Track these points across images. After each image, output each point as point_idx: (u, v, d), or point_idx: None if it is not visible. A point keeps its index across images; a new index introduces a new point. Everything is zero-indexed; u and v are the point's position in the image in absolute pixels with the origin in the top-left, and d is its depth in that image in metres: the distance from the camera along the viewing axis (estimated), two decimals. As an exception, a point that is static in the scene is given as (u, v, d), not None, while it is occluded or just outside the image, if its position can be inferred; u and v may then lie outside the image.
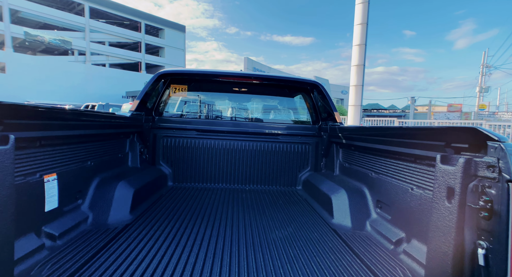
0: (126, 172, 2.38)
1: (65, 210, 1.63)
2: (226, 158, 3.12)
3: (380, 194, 1.90)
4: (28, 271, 1.17)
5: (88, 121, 1.84)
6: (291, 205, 2.52)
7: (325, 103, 2.99)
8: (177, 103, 3.61)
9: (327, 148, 3.01)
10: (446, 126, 1.22)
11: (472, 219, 1.00)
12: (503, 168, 0.90)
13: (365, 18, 13.70)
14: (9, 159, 1.01)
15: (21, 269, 1.16)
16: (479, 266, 0.93)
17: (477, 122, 13.33)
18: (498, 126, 14.53)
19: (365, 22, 13.81)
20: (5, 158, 1.00)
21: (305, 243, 1.69)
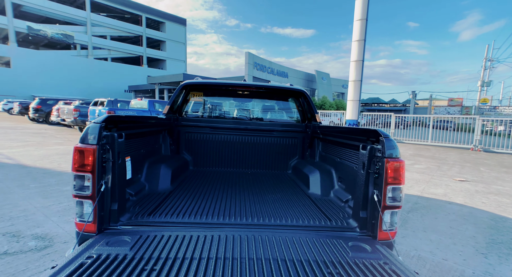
0: (163, 158, 3.12)
1: (134, 180, 2.34)
2: (233, 149, 3.91)
3: (340, 172, 2.62)
4: (128, 209, 1.93)
5: (144, 122, 2.62)
6: (281, 183, 3.26)
7: (309, 107, 3.79)
8: (195, 107, 4.52)
9: (311, 141, 3.77)
10: (366, 128, 1.97)
11: (371, 179, 1.76)
12: (383, 151, 1.64)
13: (364, 14, 13.97)
14: (123, 146, 1.79)
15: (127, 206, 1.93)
16: (374, 201, 1.69)
17: (473, 117, 13.73)
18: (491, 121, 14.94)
19: (364, 18, 14.08)
20: (122, 146, 1.77)
21: (288, 203, 2.42)
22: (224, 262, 1.31)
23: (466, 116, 14.80)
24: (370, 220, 1.76)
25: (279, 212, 2.14)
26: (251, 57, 35.67)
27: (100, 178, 1.56)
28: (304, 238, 1.66)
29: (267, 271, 1.27)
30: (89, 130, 1.54)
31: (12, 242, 2.56)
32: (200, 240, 1.54)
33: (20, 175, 4.95)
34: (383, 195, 1.62)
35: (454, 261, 2.62)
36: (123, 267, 1.21)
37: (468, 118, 14.96)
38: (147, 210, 1.99)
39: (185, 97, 3.87)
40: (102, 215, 1.61)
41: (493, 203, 4.60)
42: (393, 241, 1.66)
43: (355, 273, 1.27)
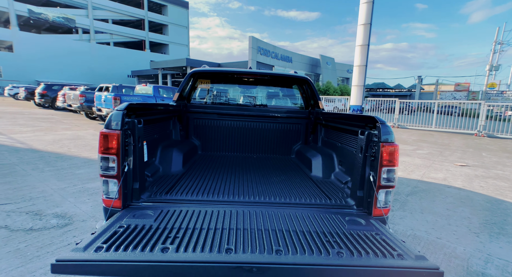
0: (174, 143, 3.29)
1: (149, 163, 2.52)
2: (239, 134, 4.06)
3: (341, 156, 2.75)
4: (147, 188, 2.12)
5: (158, 109, 2.77)
6: (285, 166, 3.42)
7: (312, 94, 3.89)
8: (203, 94, 4.65)
9: (314, 127, 3.91)
10: (365, 115, 2.08)
11: (368, 161, 1.91)
12: (379, 136, 1.77)
13: (371, -3, 13.65)
14: (142, 131, 1.94)
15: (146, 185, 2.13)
16: (370, 182, 1.84)
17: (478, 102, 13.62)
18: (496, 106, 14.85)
19: (371, 0, 13.78)
20: (141, 131, 1.92)
21: (292, 184, 2.58)
22: (236, 232, 1.47)
23: (471, 101, 14.69)
24: (366, 198, 1.91)
25: (283, 191, 2.30)
26: (255, 41, 35.15)
27: (123, 159, 1.72)
28: (306, 213, 1.82)
29: (273, 238, 1.43)
30: (113, 117, 1.69)
31: (36, 220, 2.77)
32: (214, 214, 1.71)
33: (34, 159, 5.15)
34: (378, 176, 1.77)
35: (447, 239, 2.79)
36: (151, 234, 1.39)
37: (473, 103, 14.86)
38: (164, 189, 2.16)
39: (193, 84, 3.99)
40: (125, 193, 1.78)
41: (491, 187, 4.74)
42: (386, 217, 1.81)
43: (350, 241, 1.43)
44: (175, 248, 1.26)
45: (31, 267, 2.02)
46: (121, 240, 1.30)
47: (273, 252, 1.29)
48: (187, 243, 1.32)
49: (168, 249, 1.24)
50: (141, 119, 1.97)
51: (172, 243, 1.31)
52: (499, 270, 2.29)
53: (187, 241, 1.34)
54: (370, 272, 1.19)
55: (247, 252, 1.27)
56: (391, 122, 15.72)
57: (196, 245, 1.31)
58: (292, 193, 2.29)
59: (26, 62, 38.30)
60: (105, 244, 1.25)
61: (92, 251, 1.19)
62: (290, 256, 1.26)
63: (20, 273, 1.94)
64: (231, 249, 1.29)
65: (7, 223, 2.68)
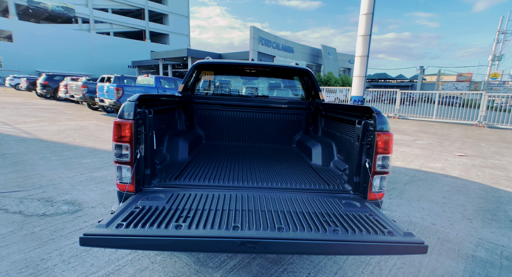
0: (180, 132, 3.38)
1: (157, 151, 2.57)
2: (242, 124, 4.18)
3: (340, 145, 2.82)
4: (157, 174, 2.21)
5: (165, 100, 2.85)
6: (287, 155, 3.53)
7: (313, 85, 3.98)
8: (207, 85, 4.72)
9: (314, 117, 4.02)
10: (362, 106, 2.17)
11: (364, 149, 2.00)
12: (375, 125, 1.86)
13: (373, -14, 13.46)
14: (152, 120, 2.04)
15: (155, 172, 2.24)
16: (366, 168, 1.96)
17: (479, 92, 13.60)
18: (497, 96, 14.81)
19: (373, -10, 13.59)
20: (151, 120, 2.02)
21: (293, 171, 2.68)
22: (241, 213, 1.60)
23: (472, 92, 14.65)
24: (362, 184, 2.03)
25: (284, 178, 2.42)
26: (256, 31, 34.78)
27: (136, 147, 1.83)
28: (305, 197, 1.94)
29: (275, 218, 1.55)
30: (125, 107, 1.78)
31: (48, 206, 2.90)
32: (221, 197, 1.83)
33: (40, 148, 5.27)
34: (373, 162, 1.88)
35: (441, 225, 2.91)
36: (165, 214, 1.51)
37: (475, 94, 14.83)
38: (172, 175, 2.27)
39: (197, 76, 4.07)
40: (138, 178, 1.90)
41: (487, 176, 4.84)
42: (380, 201, 1.93)
43: (345, 220, 1.56)
44: (187, 226, 1.38)
45: (47, 248, 2.15)
46: (138, 218, 1.43)
47: (275, 229, 1.41)
48: (198, 221, 1.44)
49: (181, 227, 1.37)
50: (151, 110, 2.06)
51: (184, 221, 1.44)
52: (488, 252, 2.42)
53: (198, 220, 1.46)
54: (362, 246, 1.31)
55: (252, 229, 1.39)
56: (392, 113, 15.75)
57: (206, 223, 1.43)
58: (292, 179, 2.40)
59: (26, 52, 38.12)
60: (125, 222, 1.37)
61: (114, 227, 1.32)
62: (290, 232, 1.38)
63: (37, 254, 2.08)
64: (237, 227, 1.41)
65: (21, 208, 2.81)
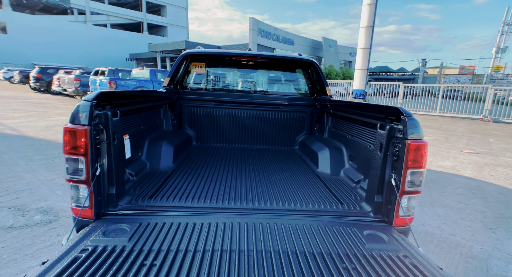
0: (165, 134, 2.99)
1: (134, 159, 2.26)
2: (238, 124, 3.76)
3: (352, 150, 2.50)
4: (128, 191, 1.87)
5: (142, 97, 2.44)
6: (288, 160, 3.14)
7: (319, 79, 3.55)
8: (198, 79, 4.25)
9: (320, 116, 3.59)
10: (386, 105, 1.79)
11: (389, 162, 1.65)
12: (405, 132, 1.51)
13: (377, -26, 12.93)
14: (119, 124, 1.67)
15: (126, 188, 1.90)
16: (391, 185, 1.60)
17: (485, 86, 13.21)
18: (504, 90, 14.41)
19: (377, -22, 13.06)
20: (118, 125, 1.64)
21: (295, 182, 2.34)
22: (230, 256, 1.22)
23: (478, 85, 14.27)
24: (385, 204, 1.67)
25: (287, 194, 2.05)
26: (256, 23, 34.06)
27: (94, 161, 1.47)
28: (315, 225, 1.57)
29: (277, 267, 1.17)
30: (80, 108, 1.42)
31: (18, 216, 2.57)
32: (204, 228, 1.46)
33: (23, 147, 4.93)
34: (402, 179, 1.52)
35: (461, 236, 2.59)
36: (120, 263, 1.13)
37: (479, 87, 14.43)
38: (148, 192, 1.90)
39: (186, 68, 3.65)
40: (99, 200, 1.54)
41: (502, 176, 4.52)
42: (410, 227, 1.59)
43: (373, 268, 1.18)
44: None
45: (4, 273, 1.83)
46: (78, 274, 1.04)
47: None
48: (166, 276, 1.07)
49: None
50: (117, 111, 1.68)
51: (147, 275, 1.06)
52: (521, 273, 2.10)
53: (167, 272, 1.09)
54: None
55: None
56: (395, 107, 15.38)
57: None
58: (297, 195, 2.03)
59: (21, 45, 37.38)
60: None
61: None
62: None
63: (-8, 280, 1.76)
64: None
65: (-14, 219, 2.48)
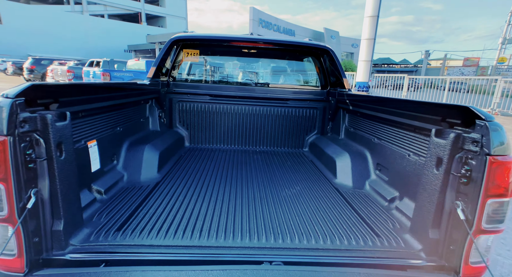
0: (150, 136, 2.59)
1: (105, 170, 1.88)
2: (238, 121, 3.31)
3: (380, 158, 2.08)
4: (90, 218, 1.48)
5: (116, 92, 2.01)
6: (298, 166, 2.71)
7: (335, 69, 3.06)
8: (190, 69, 3.77)
9: (334, 113, 3.13)
10: (443, 103, 1.36)
11: (453, 184, 1.21)
12: (485, 144, 1.07)
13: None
14: (69, 131, 1.25)
15: (85, 216, 1.44)
16: (457, 218, 1.16)
17: (495, 78, 12.76)
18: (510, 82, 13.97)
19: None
20: (67, 131, 1.23)
21: (311, 199, 1.92)
22: None
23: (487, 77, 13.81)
24: (446, 244, 1.23)
25: (302, 221, 1.57)
26: (256, 13, 33.31)
27: (23, 187, 1.06)
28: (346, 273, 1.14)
29: None
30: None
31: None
32: None
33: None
34: (479, 211, 1.09)
35: None
36: None
37: (488, 79, 13.97)
38: (117, 220, 1.46)
39: (176, 56, 3.18)
40: (36, 242, 1.12)
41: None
42: None
43: None
44: None
45: None
46: None
47: None
48: None
49: None
50: (65, 112, 1.24)
51: None
52: None
53: None
54: None
55: None
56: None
57: None
58: (317, 223, 1.54)
59: (16, 35, 36.73)
60: None
61: None
62: None
63: None
64: None
65: None
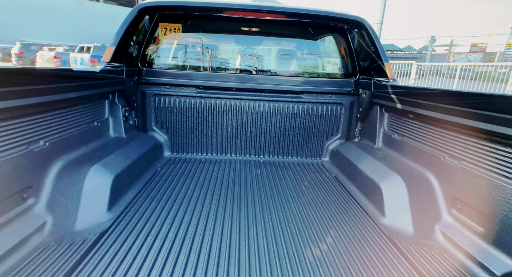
0: (104, 148, 1.85)
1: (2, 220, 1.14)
2: (236, 122, 2.59)
3: (460, 188, 1.35)
4: None
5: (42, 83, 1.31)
6: (317, 186, 2.05)
7: (372, 49, 2.26)
8: (172, 51, 2.87)
9: (366, 111, 2.38)
10: None
11: None
12: None
13: None
14: None
15: None
16: None
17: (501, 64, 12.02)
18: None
19: None
20: None
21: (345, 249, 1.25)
22: None
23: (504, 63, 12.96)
24: None
25: None
26: (256, -4, 31.98)
27: None
28: None
29: None
30: None
31: None
32: None
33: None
34: None
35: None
36: None
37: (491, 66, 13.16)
38: None
39: (149, 32, 2.39)
40: None
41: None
42: None
43: None
44: None
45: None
46: None
47: None
48: None
49: None
50: None
51: None
52: None
53: None
54: None
55: None
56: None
57: None
58: None
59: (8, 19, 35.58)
60: None
61: None
62: None
63: None
64: None
65: None
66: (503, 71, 11.61)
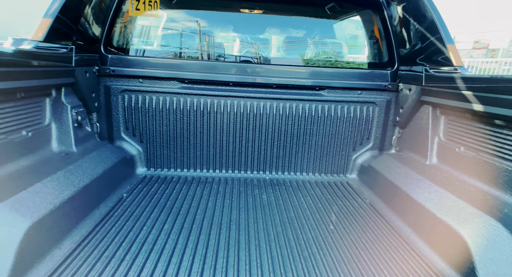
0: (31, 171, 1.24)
1: None
2: (233, 128, 1.98)
3: None
4: None
5: None
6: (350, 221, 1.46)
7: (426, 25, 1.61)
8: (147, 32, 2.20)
9: (411, 112, 1.79)
10: None
11: None
12: None
13: None
14: None
15: None
16: None
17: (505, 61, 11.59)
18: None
19: None
20: None
21: None
22: None
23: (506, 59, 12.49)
24: None
25: None
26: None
27: None
28: None
29: None
30: None
31: None
32: None
33: None
34: None
35: None
36: None
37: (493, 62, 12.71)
38: None
39: (118, 4, 1.80)
40: None
41: None
42: None
43: None
44: None
45: None
46: None
47: None
48: None
49: None
50: None
51: None
52: None
53: None
54: None
55: None
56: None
57: None
58: None
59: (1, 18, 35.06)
60: None
61: None
62: None
63: None
64: None
65: None
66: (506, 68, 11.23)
